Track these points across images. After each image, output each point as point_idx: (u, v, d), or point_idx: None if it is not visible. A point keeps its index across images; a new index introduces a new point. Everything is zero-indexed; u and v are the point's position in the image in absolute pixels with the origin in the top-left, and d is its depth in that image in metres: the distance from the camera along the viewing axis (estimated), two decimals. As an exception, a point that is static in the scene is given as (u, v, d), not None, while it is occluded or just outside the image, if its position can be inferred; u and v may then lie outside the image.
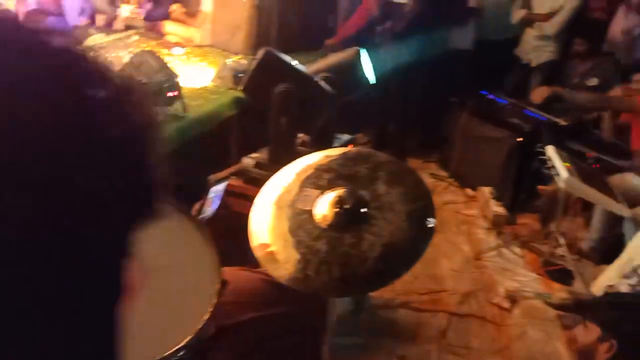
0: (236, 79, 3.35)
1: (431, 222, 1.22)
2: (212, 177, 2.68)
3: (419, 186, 1.22)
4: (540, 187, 3.46)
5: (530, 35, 4.47)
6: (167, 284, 1.22)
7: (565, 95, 3.51)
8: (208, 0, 4.36)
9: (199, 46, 4.36)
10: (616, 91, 3.53)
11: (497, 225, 3.59)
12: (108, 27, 4.71)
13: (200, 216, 1.99)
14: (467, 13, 4.30)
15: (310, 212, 1.25)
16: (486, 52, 4.61)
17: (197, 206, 2.13)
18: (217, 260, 1.24)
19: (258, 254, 1.30)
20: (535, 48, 4.44)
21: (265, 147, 2.56)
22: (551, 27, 4.28)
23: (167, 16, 4.71)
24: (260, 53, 2.28)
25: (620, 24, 4.15)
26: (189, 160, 2.85)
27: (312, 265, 1.16)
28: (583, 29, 3.98)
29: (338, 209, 1.20)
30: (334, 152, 1.33)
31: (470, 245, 3.44)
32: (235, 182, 2.62)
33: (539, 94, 3.57)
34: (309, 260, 1.17)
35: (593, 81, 3.85)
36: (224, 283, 1.24)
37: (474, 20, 4.47)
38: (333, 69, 2.50)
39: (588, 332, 1.54)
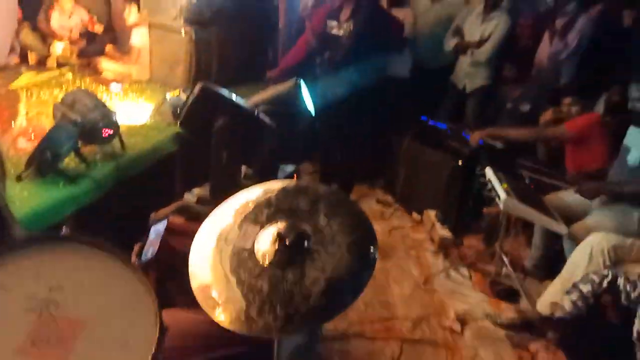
0: (176, 114, 3.30)
1: (373, 252, 1.20)
2: (153, 215, 2.60)
3: (359, 216, 1.21)
4: (483, 208, 3.55)
5: (463, 62, 4.65)
6: (103, 334, 1.15)
7: (498, 133, 3.65)
8: (138, 34, 4.31)
9: (137, 82, 4.28)
10: (547, 114, 3.69)
11: (444, 248, 3.65)
12: (41, 66, 4.56)
13: (140, 259, 1.91)
14: (403, 43, 4.43)
15: (250, 250, 1.21)
16: (423, 80, 4.77)
17: (136, 248, 2.05)
18: (156, 307, 1.18)
19: (199, 296, 1.25)
20: (468, 74, 4.62)
21: (207, 182, 2.52)
22: (482, 54, 4.46)
23: (102, 52, 4.63)
24: (197, 88, 2.25)
25: (545, 49, 4.38)
26: (128, 200, 2.76)
27: (255, 306, 1.12)
28: (513, 55, 4.17)
29: (279, 245, 1.17)
30: (273, 186, 1.30)
31: (420, 269, 3.47)
32: (177, 219, 2.54)
33: (474, 139, 3.69)
34: (251, 301, 1.13)
35: (525, 107, 4.02)
36: (164, 330, 1.17)
37: (409, 49, 4.62)
38: (273, 100, 2.51)
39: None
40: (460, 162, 3.72)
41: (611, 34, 4.70)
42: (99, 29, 4.80)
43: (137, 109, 3.63)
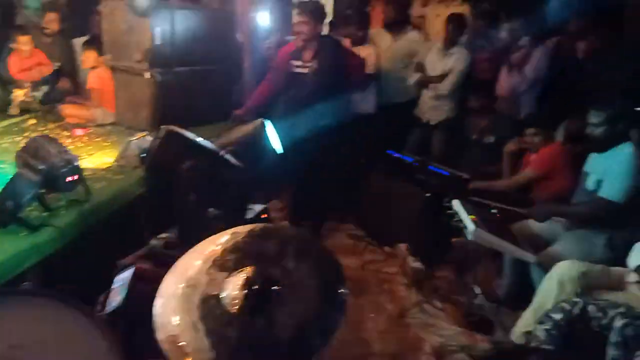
0: (141, 157, 3.26)
1: (343, 294, 1.19)
2: (120, 263, 2.53)
3: (328, 257, 1.20)
4: (452, 239, 3.57)
5: (426, 96, 4.77)
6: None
7: (479, 187, 3.72)
8: (94, 76, 4.30)
9: (102, 126, 4.24)
10: (511, 145, 3.80)
11: (416, 280, 3.64)
12: (2, 113, 4.48)
13: (105, 310, 1.85)
14: (367, 80, 4.52)
15: (218, 297, 1.18)
16: (388, 114, 4.86)
17: (102, 298, 1.99)
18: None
19: (166, 347, 1.21)
20: (432, 107, 4.73)
21: (175, 226, 2.48)
22: (444, 87, 4.59)
23: (64, 97, 4.58)
24: (162, 132, 2.24)
25: (505, 82, 4.53)
26: (93, 248, 2.69)
27: (224, 355, 1.09)
28: (477, 87, 4.29)
29: (247, 291, 1.15)
30: (240, 230, 1.29)
31: (394, 304, 3.44)
32: (144, 265, 2.49)
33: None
34: (220, 351, 1.09)
35: (490, 138, 4.13)
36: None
37: (374, 85, 4.71)
38: (239, 141, 2.51)
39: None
40: (428, 194, 3.76)
41: (567, 65, 4.91)
42: (55, 70, 4.76)
43: (101, 153, 3.58)
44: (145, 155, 3.08)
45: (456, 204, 3.23)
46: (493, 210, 3.47)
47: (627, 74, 4.23)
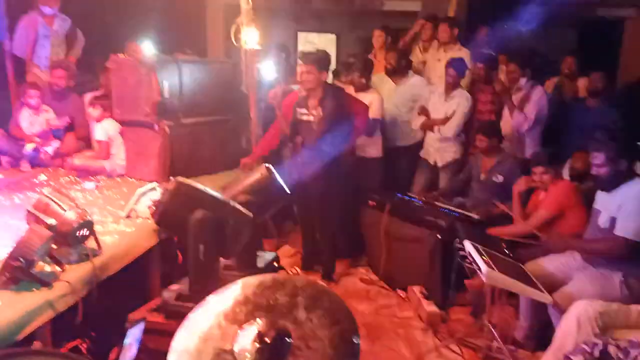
0: (152, 209, 3.28)
1: (356, 343, 1.17)
2: (131, 316, 2.51)
3: (339, 306, 1.19)
4: (466, 281, 3.53)
5: (432, 139, 4.82)
6: None
7: (498, 234, 3.69)
8: (101, 128, 4.38)
9: (111, 177, 4.29)
10: (520, 184, 3.80)
11: (432, 324, 3.58)
12: (14, 168, 4.55)
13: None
14: (372, 124, 4.58)
15: (231, 351, 1.17)
16: (394, 157, 4.90)
17: (113, 355, 1.96)
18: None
19: (179, 404, 1.19)
20: (438, 149, 4.78)
21: (186, 278, 2.47)
22: (448, 130, 4.65)
23: (74, 151, 4.67)
24: (172, 184, 2.26)
25: (508, 122, 4.58)
26: (104, 302, 2.68)
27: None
28: (482, 127, 4.33)
29: (259, 344, 1.14)
30: (250, 281, 1.28)
31: (410, 349, 3.37)
32: (155, 318, 2.47)
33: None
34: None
35: (498, 177, 4.14)
36: None
37: (379, 130, 4.77)
38: (247, 190, 2.52)
39: None
40: (439, 236, 3.74)
41: (568, 104, 4.98)
42: (65, 125, 4.87)
43: (112, 205, 3.61)
44: (155, 206, 3.10)
45: (468, 245, 3.21)
46: (506, 250, 3.43)
47: (624, 111, 4.30)
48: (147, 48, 4.95)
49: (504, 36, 4.85)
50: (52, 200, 2.82)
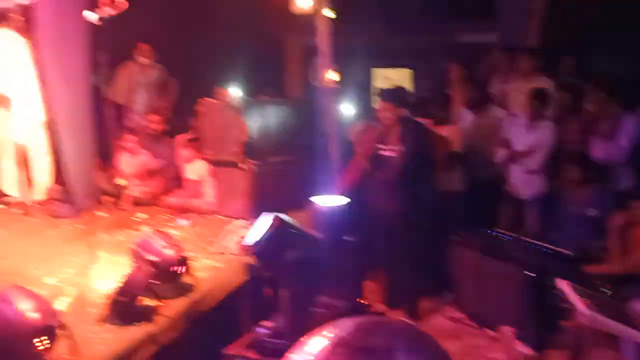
0: (241, 244, 3.40)
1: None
2: (224, 352, 2.60)
3: (438, 350, 1.19)
4: (563, 322, 3.35)
5: (516, 171, 4.68)
6: None
7: (600, 271, 3.54)
8: (192, 168, 4.60)
9: (202, 214, 4.50)
10: (618, 219, 3.60)
11: (526, 367, 3.42)
12: (116, 206, 4.87)
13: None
14: (452, 158, 4.53)
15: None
16: (476, 191, 4.80)
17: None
18: None
19: None
20: (523, 182, 4.63)
21: (278, 314, 2.52)
22: (534, 162, 4.50)
23: (168, 191, 4.94)
24: (272, 220, 2.34)
25: (598, 152, 4.37)
26: (200, 338, 2.79)
27: None
28: (573, 157, 4.16)
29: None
30: (347, 322, 1.30)
31: (503, 392, 3.24)
32: (250, 354, 2.54)
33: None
34: None
35: (591, 211, 3.95)
36: None
37: (459, 163, 4.71)
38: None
39: None
40: (531, 274, 3.60)
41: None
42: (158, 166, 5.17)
43: (204, 242, 3.78)
44: (251, 242, 3.22)
45: (562, 284, 3.07)
46: (607, 289, 3.25)
47: None
48: (233, 91, 5.22)
49: (589, 64, 4.70)
50: (154, 238, 3.01)
